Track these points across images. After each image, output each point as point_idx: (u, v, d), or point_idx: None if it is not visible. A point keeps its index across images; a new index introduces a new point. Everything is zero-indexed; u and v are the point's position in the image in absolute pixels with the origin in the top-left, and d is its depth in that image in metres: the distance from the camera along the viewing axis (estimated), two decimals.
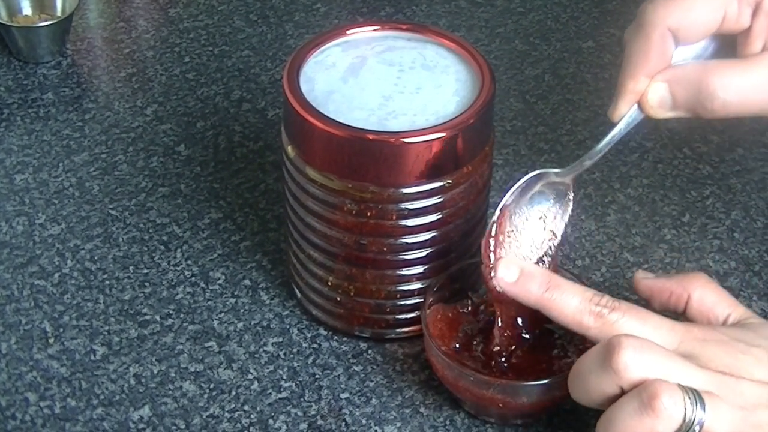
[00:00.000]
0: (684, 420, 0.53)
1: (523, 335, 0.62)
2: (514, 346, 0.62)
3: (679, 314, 0.62)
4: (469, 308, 0.64)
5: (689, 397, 0.53)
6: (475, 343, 0.63)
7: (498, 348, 0.62)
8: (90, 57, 0.93)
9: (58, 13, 0.93)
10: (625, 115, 0.61)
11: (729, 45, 0.61)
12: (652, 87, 0.60)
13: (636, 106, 0.61)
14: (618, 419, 0.54)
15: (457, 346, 0.63)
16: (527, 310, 0.61)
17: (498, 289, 0.60)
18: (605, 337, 0.56)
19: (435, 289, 0.64)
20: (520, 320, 0.62)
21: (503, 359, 0.62)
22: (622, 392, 0.54)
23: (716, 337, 0.58)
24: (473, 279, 0.67)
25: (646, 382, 0.54)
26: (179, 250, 0.75)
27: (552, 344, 0.62)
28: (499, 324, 0.62)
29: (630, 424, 0.53)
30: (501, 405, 0.60)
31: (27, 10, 0.94)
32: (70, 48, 0.94)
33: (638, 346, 0.54)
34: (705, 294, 0.62)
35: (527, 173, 0.62)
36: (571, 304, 0.58)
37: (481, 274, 0.62)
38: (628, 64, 0.60)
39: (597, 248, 0.75)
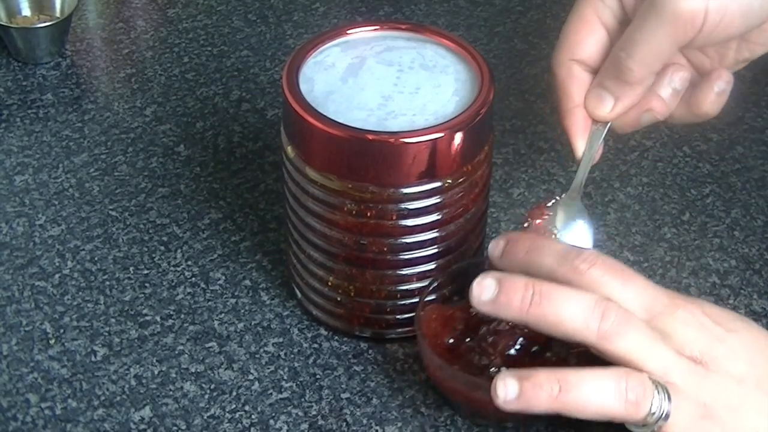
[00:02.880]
0: (650, 412, 0.54)
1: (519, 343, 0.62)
2: (508, 349, 0.61)
3: None
4: (466, 309, 0.64)
5: (658, 393, 0.54)
6: (469, 344, 0.62)
7: (492, 350, 0.61)
8: (89, 58, 0.93)
9: (57, 13, 0.93)
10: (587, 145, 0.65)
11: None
12: (587, 96, 0.64)
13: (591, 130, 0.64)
14: (592, 393, 0.55)
15: (452, 341, 0.62)
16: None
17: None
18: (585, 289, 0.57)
19: (431, 288, 0.64)
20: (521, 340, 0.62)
21: (497, 360, 0.61)
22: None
23: (697, 320, 0.57)
24: (472, 279, 0.67)
25: (621, 370, 0.55)
26: (179, 250, 0.75)
27: (548, 346, 0.61)
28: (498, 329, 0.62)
29: (600, 402, 0.55)
30: (493, 408, 0.59)
31: (26, 10, 0.94)
32: (69, 49, 0.94)
33: (623, 316, 0.55)
34: None
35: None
36: (546, 263, 0.58)
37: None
38: (560, 105, 0.65)
39: (597, 247, 0.75)
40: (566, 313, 0.55)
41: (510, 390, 0.55)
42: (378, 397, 0.65)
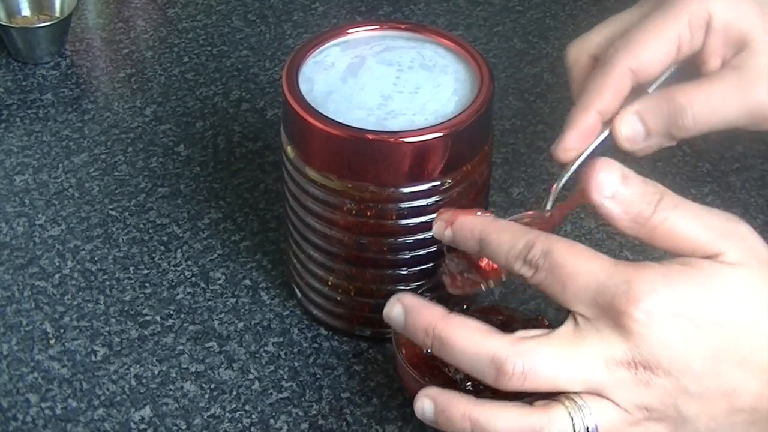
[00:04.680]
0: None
1: None
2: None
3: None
4: None
5: (574, 416, 0.51)
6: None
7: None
8: (89, 57, 0.93)
9: (57, 13, 0.93)
10: (579, 155, 0.61)
11: (690, 68, 0.62)
12: (623, 119, 0.60)
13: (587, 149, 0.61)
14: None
15: (428, 352, 0.61)
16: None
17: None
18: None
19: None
20: None
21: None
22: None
23: (653, 307, 0.50)
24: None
25: (542, 416, 0.52)
26: (179, 250, 0.75)
27: None
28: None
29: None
30: None
31: (26, 10, 0.94)
32: (68, 49, 0.94)
33: (521, 365, 0.51)
34: None
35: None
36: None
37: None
38: (583, 98, 0.61)
39: (597, 246, 0.75)
40: (464, 363, 0.53)
41: (427, 415, 0.54)
42: (378, 397, 0.65)
